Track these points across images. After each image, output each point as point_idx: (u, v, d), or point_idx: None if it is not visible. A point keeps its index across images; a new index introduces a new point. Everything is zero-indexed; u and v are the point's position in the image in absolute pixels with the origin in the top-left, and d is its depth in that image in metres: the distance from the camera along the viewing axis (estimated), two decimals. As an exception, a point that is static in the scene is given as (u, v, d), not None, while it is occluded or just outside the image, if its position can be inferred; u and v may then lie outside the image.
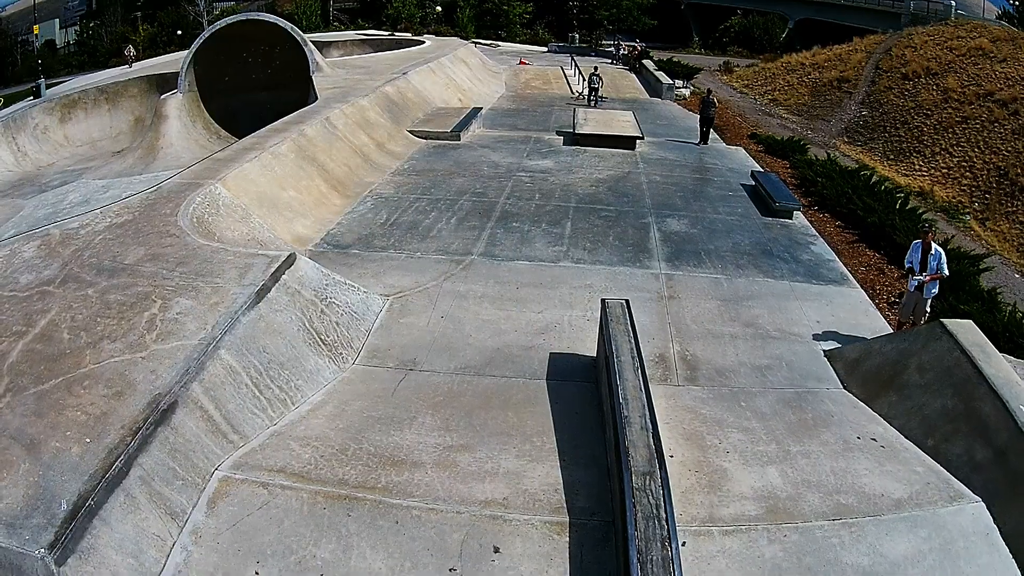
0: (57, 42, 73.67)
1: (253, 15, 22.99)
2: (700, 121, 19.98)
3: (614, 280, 10.08)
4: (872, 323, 9.62)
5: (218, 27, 22.01)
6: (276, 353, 7.21)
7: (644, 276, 10.31)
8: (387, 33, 41.55)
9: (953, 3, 45.46)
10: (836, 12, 58.67)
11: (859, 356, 8.40)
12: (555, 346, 8.28)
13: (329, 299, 8.26)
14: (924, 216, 15.53)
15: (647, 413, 5.49)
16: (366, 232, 11.60)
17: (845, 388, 7.99)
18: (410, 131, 18.14)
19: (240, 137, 23.13)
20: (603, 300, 7.62)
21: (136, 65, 32.48)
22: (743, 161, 18.00)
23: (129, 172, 19.53)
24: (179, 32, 55.30)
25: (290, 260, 8.18)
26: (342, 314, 8.26)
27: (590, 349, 8.14)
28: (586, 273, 10.21)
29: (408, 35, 40.05)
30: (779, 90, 33.58)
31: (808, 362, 8.44)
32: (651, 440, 5.16)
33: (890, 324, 9.86)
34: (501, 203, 13.09)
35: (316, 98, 17.70)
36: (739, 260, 11.27)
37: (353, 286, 8.86)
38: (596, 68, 27.30)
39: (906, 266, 9.46)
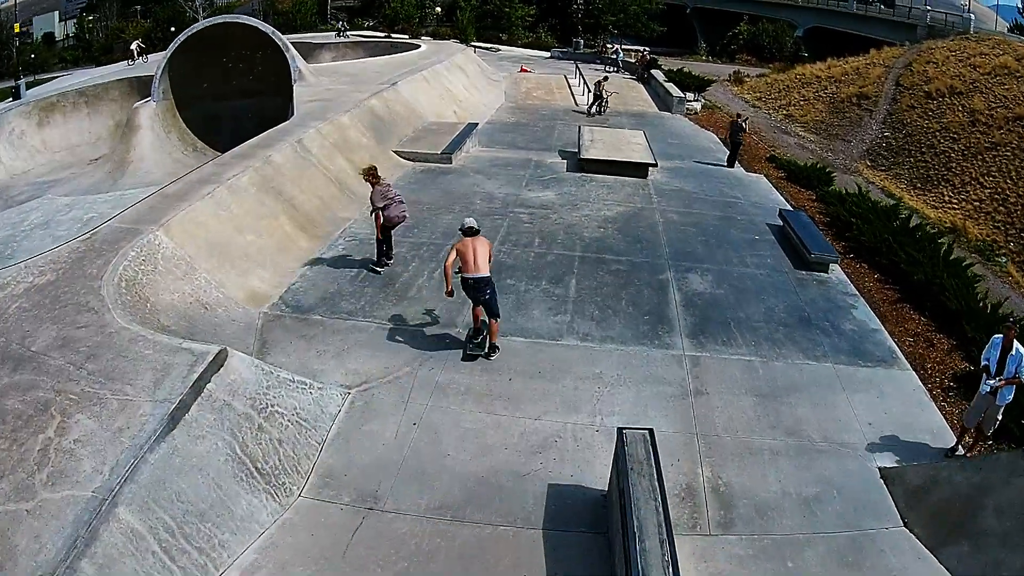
0: (56, 35, 72.42)
1: (232, 17, 21.24)
2: (730, 145, 19.29)
3: (628, 366, 8.34)
4: (929, 420, 8.14)
5: (195, 29, 20.30)
6: (195, 500, 5.48)
7: (664, 360, 8.57)
8: (383, 34, 39.67)
9: (972, 16, 43.78)
10: (848, 21, 56.78)
11: (923, 483, 7.00)
12: (555, 472, 6.56)
13: (270, 408, 6.51)
14: (992, 298, 13.75)
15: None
16: (333, 289, 9.83)
17: (906, 526, 6.58)
18: (396, 151, 16.34)
19: (218, 148, 21.55)
20: (619, 431, 5.88)
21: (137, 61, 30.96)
22: (766, 193, 16.29)
23: (96, 189, 18.44)
24: (172, 29, 53.37)
25: (219, 360, 6.43)
26: (287, 426, 6.52)
27: (599, 478, 6.43)
28: (594, 356, 8.47)
29: (405, 37, 38.21)
30: (794, 105, 31.82)
31: (863, 488, 6.96)
32: None
33: (947, 420, 8.35)
34: (495, 251, 11.32)
35: (293, 113, 15.92)
36: (774, 333, 9.57)
37: (304, 384, 7.10)
38: (606, 77, 25.72)
39: (981, 364, 7.77)
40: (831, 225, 15.19)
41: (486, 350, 8.35)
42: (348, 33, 39.47)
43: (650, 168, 16.39)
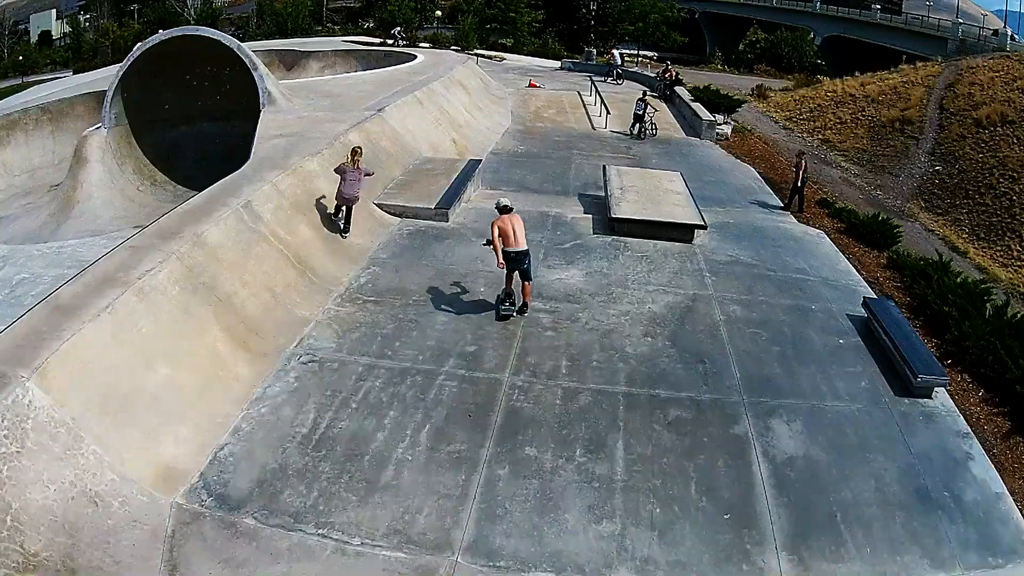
0: (54, 33, 70.54)
1: (191, 29, 18.22)
2: (792, 188, 17.20)
3: (715, 633, 5.43)
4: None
5: (149, 44, 17.27)
6: None
7: (765, 612, 5.65)
8: (378, 39, 36.56)
9: (1009, 31, 41.02)
10: (871, 31, 53.97)
11: None
12: None
13: None
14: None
15: None
16: (275, 462, 6.81)
17: None
18: (378, 204, 13.28)
19: (179, 179, 18.58)
20: None
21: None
22: (833, 262, 13.27)
23: (37, 235, 15.26)
24: (160, 30, 50.43)
25: None
26: None
27: None
28: (663, 613, 5.55)
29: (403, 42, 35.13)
30: (830, 128, 28.89)
31: None
32: None
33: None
34: (505, 387, 8.19)
35: (248, 157, 12.89)
36: (891, 524, 6.80)
37: None
38: (644, 93, 22.90)
39: None
40: (916, 311, 12.25)
41: (517, 308, 9.72)
42: (401, 41, 37.17)
43: (697, 231, 13.39)
